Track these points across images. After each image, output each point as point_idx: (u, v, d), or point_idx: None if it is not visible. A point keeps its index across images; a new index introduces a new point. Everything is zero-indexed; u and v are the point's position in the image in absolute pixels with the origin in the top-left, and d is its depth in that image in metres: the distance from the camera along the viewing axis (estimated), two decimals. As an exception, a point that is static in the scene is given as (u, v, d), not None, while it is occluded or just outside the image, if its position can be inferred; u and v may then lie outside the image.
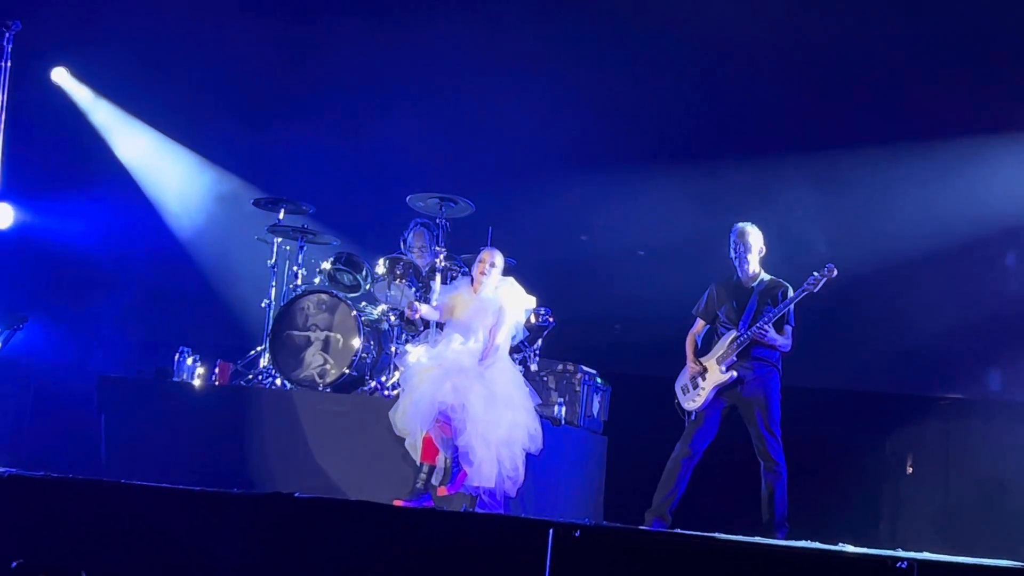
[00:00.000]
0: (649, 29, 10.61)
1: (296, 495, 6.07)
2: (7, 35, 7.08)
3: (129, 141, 11.38)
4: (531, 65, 10.83)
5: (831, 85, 10.24)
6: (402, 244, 9.69)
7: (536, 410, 8.37)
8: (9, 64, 7.11)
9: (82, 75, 11.25)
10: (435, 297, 8.88)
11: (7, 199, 10.15)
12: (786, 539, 7.98)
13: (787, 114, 10.36)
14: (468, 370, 8.13)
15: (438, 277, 9.10)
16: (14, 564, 5.54)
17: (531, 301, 8.60)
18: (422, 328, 9.06)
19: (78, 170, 11.61)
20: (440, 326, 8.68)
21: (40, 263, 11.22)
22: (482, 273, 8.47)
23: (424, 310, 8.61)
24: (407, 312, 8.72)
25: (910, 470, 9.78)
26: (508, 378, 8.32)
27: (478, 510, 7.82)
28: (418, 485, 7.90)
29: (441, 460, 8.00)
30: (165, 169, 11.41)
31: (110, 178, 11.34)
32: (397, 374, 8.88)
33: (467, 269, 9.41)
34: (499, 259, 8.56)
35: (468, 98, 10.87)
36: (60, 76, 11.19)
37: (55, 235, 11.14)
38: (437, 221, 9.27)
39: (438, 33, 10.98)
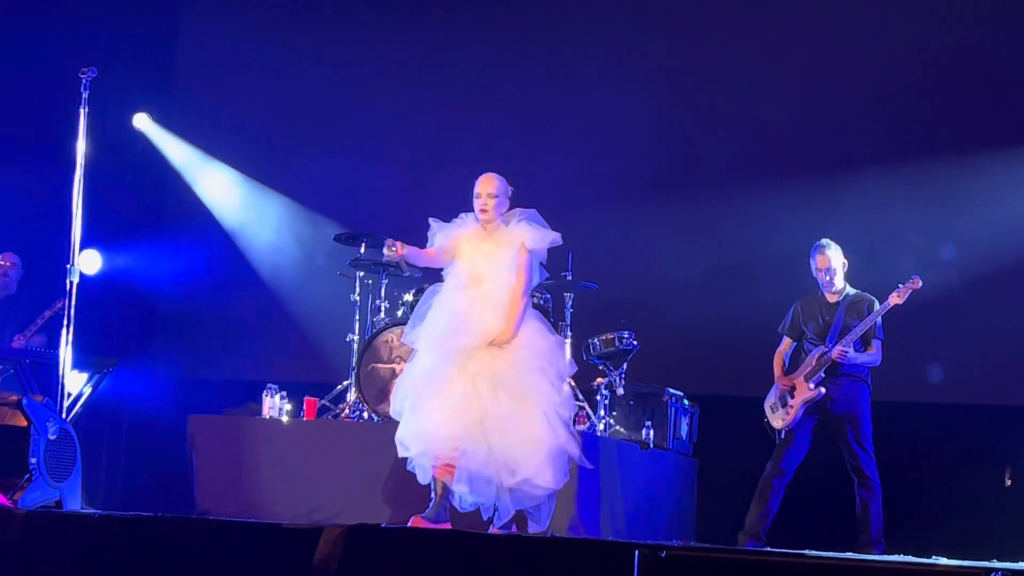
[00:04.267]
0: (730, 43, 10.58)
1: (383, 525, 6.08)
2: (83, 82, 7.20)
3: (210, 182, 11.52)
4: (608, 85, 10.81)
5: (912, 90, 10.15)
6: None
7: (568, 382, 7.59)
8: (87, 111, 7.21)
9: (162, 120, 11.41)
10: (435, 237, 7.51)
11: (93, 245, 10.34)
12: (882, 556, 7.87)
13: (869, 123, 10.27)
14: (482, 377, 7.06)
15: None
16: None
17: (552, 235, 7.41)
18: (406, 274, 8.26)
19: (162, 213, 11.79)
20: (439, 273, 7.59)
21: (127, 307, 11.38)
22: (482, 210, 7.33)
23: (410, 252, 7.35)
24: (386, 251, 7.29)
25: (1008, 482, 9.58)
26: (529, 353, 7.20)
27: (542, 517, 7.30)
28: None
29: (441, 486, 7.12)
30: (247, 208, 11.53)
31: (193, 220, 11.48)
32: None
33: (548, 296, 9.40)
34: (495, 185, 7.37)
35: (542, 123, 10.87)
36: (141, 122, 11.36)
37: (141, 278, 11.29)
38: (517, 248, 9.22)
39: (515, 58, 11.02)
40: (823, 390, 8.38)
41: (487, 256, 7.28)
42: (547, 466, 7.00)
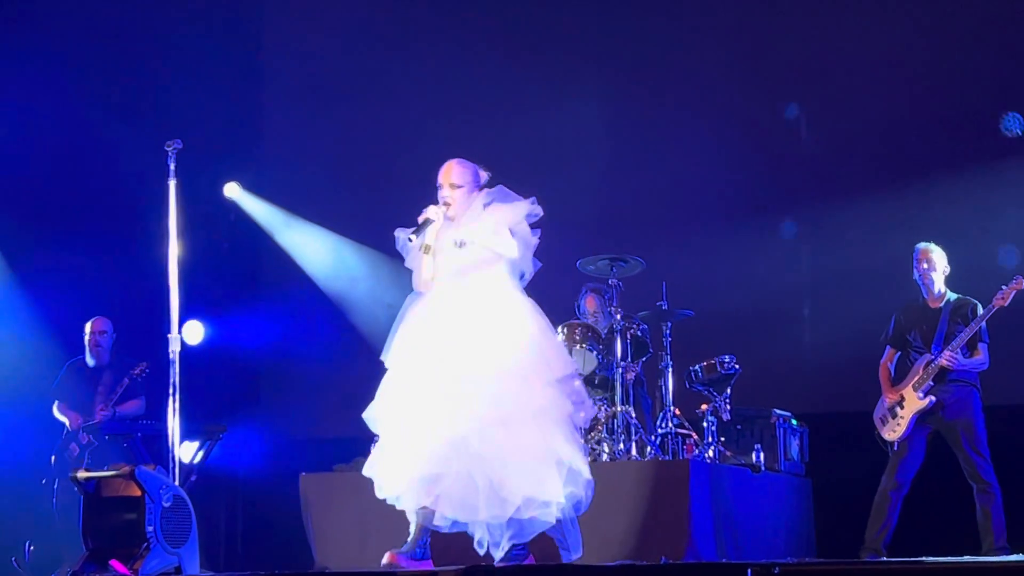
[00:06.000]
0: (811, 53, 10.52)
1: (496, 564, 6.11)
2: (170, 154, 7.32)
3: (304, 243, 11.66)
4: (694, 108, 10.80)
5: (1000, 88, 10.02)
6: (576, 311, 9.70)
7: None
8: (176, 182, 7.33)
9: (252, 187, 11.59)
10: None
11: (194, 315, 10.52)
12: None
13: (961, 125, 10.15)
14: (472, 398, 6.39)
15: (619, 340, 9.08)
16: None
17: (524, 204, 6.75)
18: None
19: (259, 278, 11.96)
20: None
21: (233, 373, 11.53)
22: (445, 203, 6.68)
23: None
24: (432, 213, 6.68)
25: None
26: (517, 350, 6.48)
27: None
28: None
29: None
30: (341, 266, 11.66)
31: (290, 282, 11.62)
32: (593, 435, 8.88)
33: (645, 327, 9.37)
34: (456, 174, 6.75)
35: (628, 152, 10.88)
36: (232, 191, 11.55)
37: (244, 344, 11.46)
38: (609, 283, 9.24)
39: (603, 90, 11.05)
40: (933, 398, 8.28)
41: (461, 251, 6.63)
42: (545, 477, 6.34)
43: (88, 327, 9.96)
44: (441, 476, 6.37)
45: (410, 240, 6.67)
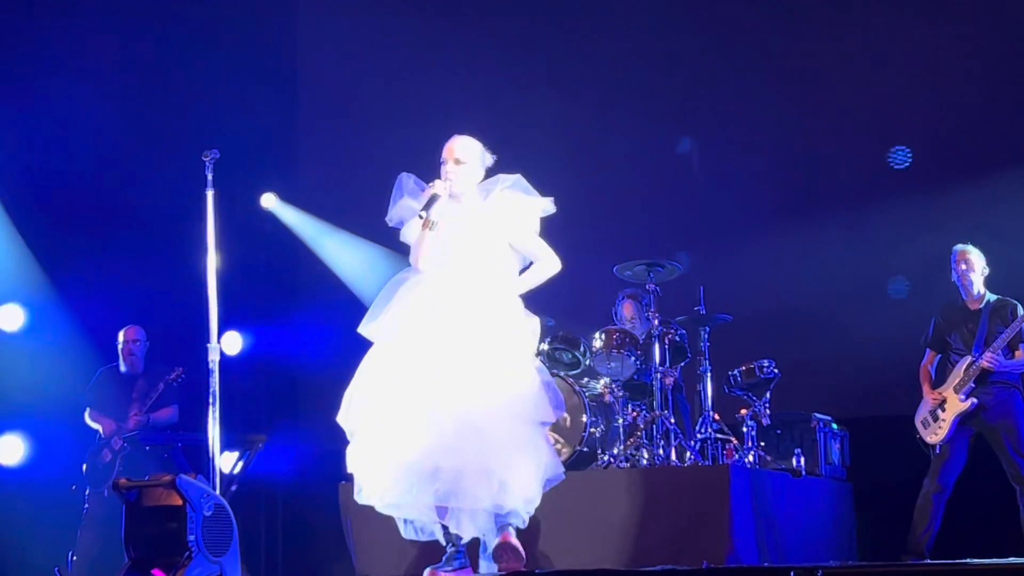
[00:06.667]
0: (847, 58, 10.49)
1: (537, 572, 6.11)
2: (207, 164, 7.32)
3: (341, 253, 11.69)
4: (728, 115, 10.78)
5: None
6: (613, 317, 9.70)
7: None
8: (214, 192, 7.34)
9: (289, 197, 11.62)
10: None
11: (233, 325, 10.56)
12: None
13: (991, 129, 10.08)
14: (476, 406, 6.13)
15: (657, 345, 9.06)
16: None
17: (543, 202, 6.51)
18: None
19: (297, 288, 11.99)
20: None
21: (272, 383, 11.58)
22: (447, 178, 6.36)
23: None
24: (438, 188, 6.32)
25: None
26: (503, 347, 6.28)
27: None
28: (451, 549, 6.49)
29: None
30: (378, 275, 11.66)
31: (328, 291, 11.65)
32: (632, 440, 8.88)
33: (684, 332, 9.35)
34: (462, 149, 6.44)
35: (670, 159, 10.87)
36: (269, 201, 11.59)
37: (283, 353, 11.50)
38: (647, 288, 9.23)
39: (634, 98, 11.05)
40: (975, 400, 8.24)
41: (460, 236, 6.38)
42: (534, 481, 6.21)
43: (121, 336, 10.01)
44: (440, 469, 6.11)
45: (420, 216, 6.37)
